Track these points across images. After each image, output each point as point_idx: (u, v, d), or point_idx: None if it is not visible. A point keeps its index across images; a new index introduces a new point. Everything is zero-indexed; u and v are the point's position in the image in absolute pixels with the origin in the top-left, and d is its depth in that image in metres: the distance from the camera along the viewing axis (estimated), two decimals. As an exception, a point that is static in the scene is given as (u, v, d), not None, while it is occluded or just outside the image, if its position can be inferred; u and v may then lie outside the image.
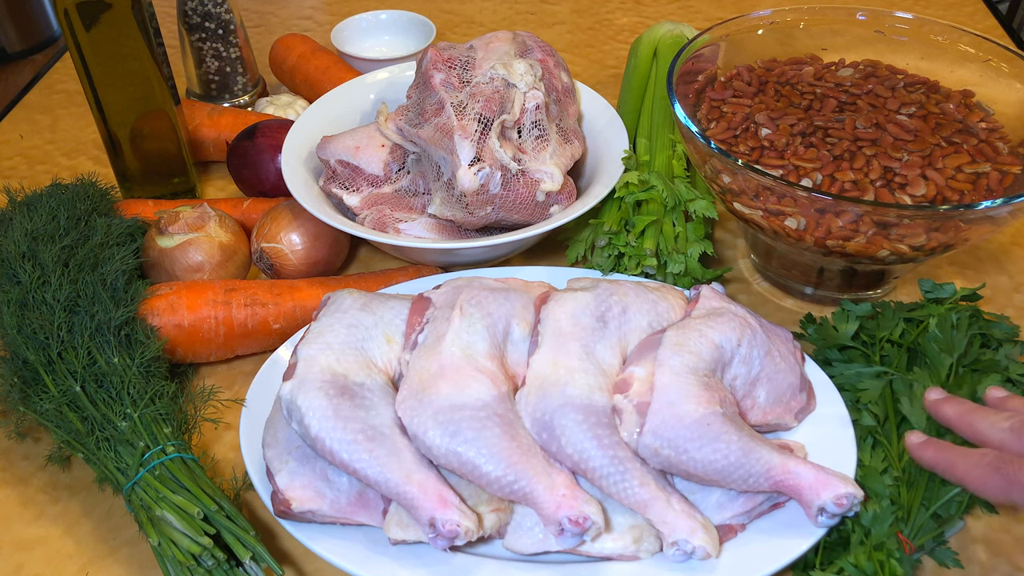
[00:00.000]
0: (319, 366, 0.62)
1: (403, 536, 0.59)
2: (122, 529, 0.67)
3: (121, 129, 0.88)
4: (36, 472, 0.71)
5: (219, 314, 0.75)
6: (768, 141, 0.80)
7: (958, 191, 0.74)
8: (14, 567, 0.65)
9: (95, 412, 0.66)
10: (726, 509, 0.60)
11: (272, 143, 0.90)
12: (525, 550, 0.59)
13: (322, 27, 1.31)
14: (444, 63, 0.82)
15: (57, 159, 1.06)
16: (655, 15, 1.32)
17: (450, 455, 0.58)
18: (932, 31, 0.88)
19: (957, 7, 1.30)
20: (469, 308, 0.66)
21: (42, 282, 0.72)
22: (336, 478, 0.60)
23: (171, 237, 0.81)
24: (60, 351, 0.69)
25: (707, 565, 0.58)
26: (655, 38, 1.00)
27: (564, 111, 0.86)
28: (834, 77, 0.87)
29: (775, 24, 0.92)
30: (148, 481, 0.62)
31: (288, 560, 0.65)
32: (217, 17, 1.02)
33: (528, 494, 0.57)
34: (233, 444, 0.73)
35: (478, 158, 0.76)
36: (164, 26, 1.07)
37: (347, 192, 0.85)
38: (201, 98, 1.09)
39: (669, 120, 0.90)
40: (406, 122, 0.83)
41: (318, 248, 0.83)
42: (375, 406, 0.61)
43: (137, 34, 0.82)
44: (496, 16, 1.34)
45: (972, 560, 0.63)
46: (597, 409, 0.60)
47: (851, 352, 0.72)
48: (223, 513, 0.61)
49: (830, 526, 0.58)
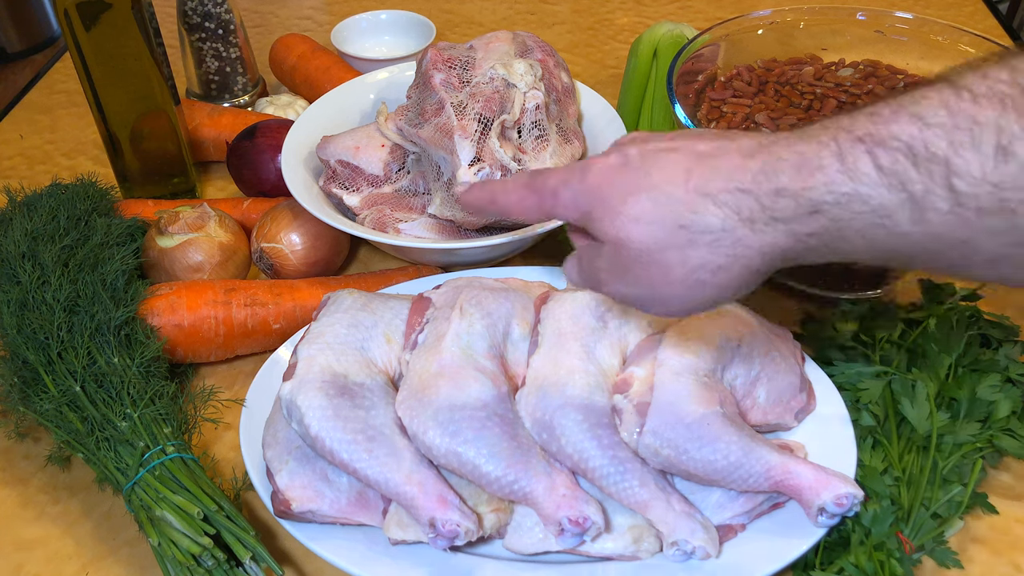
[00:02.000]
0: (319, 366, 0.62)
1: (403, 536, 0.59)
2: (122, 529, 0.67)
3: (121, 129, 0.88)
4: (36, 472, 0.71)
5: (219, 314, 0.75)
6: (768, 141, 0.80)
7: (958, 191, 0.74)
8: (14, 567, 0.65)
9: (95, 412, 0.66)
10: (726, 509, 0.60)
11: (272, 143, 0.90)
12: (525, 550, 0.59)
13: (322, 27, 1.31)
14: (444, 63, 0.82)
15: (57, 159, 1.06)
16: (655, 15, 1.32)
17: (450, 455, 0.58)
18: (932, 31, 0.88)
19: (957, 7, 1.30)
20: (469, 308, 0.66)
21: (42, 282, 0.72)
22: (336, 478, 0.60)
23: (171, 237, 0.81)
24: (60, 351, 0.69)
25: (707, 565, 0.58)
26: (655, 38, 1.00)
27: (564, 111, 0.86)
28: (834, 77, 0.87)
29: (775, 24, 0.92)
30: (148, 481, 0.62)
31: (288, 560, 0.65)
32: (217, 17, 1.02)
33: (528, 494, 0.57)
34: (233, 444, 0.73)
35: (478, 158, 0.76)
36: (164, 26, 1.07)
37: (347, 192, 0.85)
38: (201, 98, 1.09)
39: (669, 120, 0.90)
40: (406, 122, 0.83)
41: (318, 248, 0.83)
42: (375, 406, 0.61)
43: (137, 34, 0.82)
44: (496, 16, 1.34)
45: (972, 560, 0.63)
46: (597, 409, 0.60)
47: (851, 352, 0.72)
48: (223, 513, 0.61)
49: (830, 526, 0.58)
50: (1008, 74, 0.38)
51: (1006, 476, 0.68)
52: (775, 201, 0.43)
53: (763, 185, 0.44)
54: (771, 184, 0.43)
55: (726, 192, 0.45)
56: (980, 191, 0.38)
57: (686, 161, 0.47)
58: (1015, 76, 0.38)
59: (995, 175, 0.37)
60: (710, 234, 0.45)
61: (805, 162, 0.43)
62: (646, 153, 0.48)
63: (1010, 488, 0.67)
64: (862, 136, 0.41)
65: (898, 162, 0.40)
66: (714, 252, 0.46)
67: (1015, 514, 0.66)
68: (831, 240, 0.44)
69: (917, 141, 0.39)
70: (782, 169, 0.43)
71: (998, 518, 0.66)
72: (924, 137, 0.39)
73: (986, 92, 0.38)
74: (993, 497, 0.65)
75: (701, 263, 0.46)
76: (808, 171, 0.42)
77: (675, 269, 0.47)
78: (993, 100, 0.38)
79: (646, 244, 0.47)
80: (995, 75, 0.38)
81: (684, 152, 0.47)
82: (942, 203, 0.39)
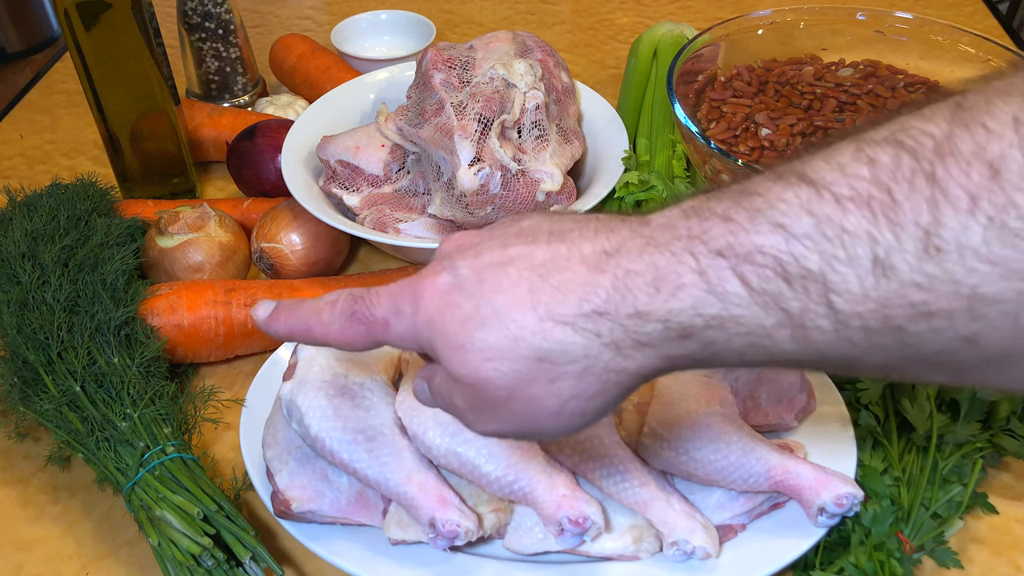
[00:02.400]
0: (319, 366, 0.62)
1: (403, 536, 0.59)
2: (122, 529, 0.67)
3: (121, 129, 0.88)
4: (36, 472, 0.71)
5: (219, 314, 0.75)
6: (768, 141, 0.80)
7: (958, 191, 0.74)
8: (14, 567, 0.65)
9: (95, 412, 0.66)
10: (726, 509, 0.60)
11: (272, 143, 0.90)
12: (525, 550, 0.59)
13: (322, 27, 1.31)
14: (444, 63, 0.82)
15: (57, 159, 1.06)
16: (655, 15, 1.32)
17: (450, 455, 0.58)
18: (932, 31, 0.88)
19: (957, 7, 1.30)
20: (469, 308, 0.66)
21: (42, 282, 0.72)
22: (336, 478, 0.60)
23: (171, 237, 0.81)
24: (60, 351, 0.69)
25: (707, 565, 0.58)
26: (655, 38, 1.00)
27: (564, 111, 0.86)
28: (834, 77, 0.87)
29: (775, 24, 0.92)
30: (148, 481, 0.62)
31: (288, 560, 0.65)
32: (217, 17, 1.02)
33: (528, 494, 0.57)
34: (233, 444, 0.73)
35: (478, 158, 0.76)
36: (164, 26, 1.07)
37: (347, 192, 0.85)
38: (201, 98, 1.09)
39: (669, 120, 0.90)
40: (406, 122, 0.83)
41: (318, 248, 0.83)
42: (375, 406, 0.61)
43: (137, 34, 0.82)
44: (496, 16, 1.34)
45: (972, 560, 0.63)
46: (597, 409, 0.60)
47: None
48: (223, 513, 0.61)
49: (830, 526, 0.58)
50: (867, 168, 0.33)
51: (1006, 476, 0.68)
52: (639, 324, 0.38)
53: (620, 307, 0.38)
54: (629, 306, 0.38)
55: (581, 316, 0.39)
56: (863, 309, 0.33)
57: (526, 279, 0.41)
58: (875, 171, 0.33)
59: (876, 292, 0.33)
60: (575, 363, 0.40)
61: (662, 278, 0.37)
62: (479, 270, 0.42)
63: (1010, 488, 0.67)
64: (722, 250, 0.36)
65: (769, 280, 0.35)
66: (584, 381, 0.40)
67: (1015, 514, 0.66)
68: (709, 358, 0.39)
69: (785, 255, 0.34)
70: (637, 286, 0.38)
71: (998, 518, 0.66)
72: (792, 251, 0.34)
73: (849, 194, 0.33)
74: (993, 497, 0.65)
75: (572, 394, 0.41)
76: (668, 290, 0.37)
77: (546, 402, 0.41)
78: (860, 204, 0.33)
79: (507, 383, 0.41)
80: (853, 170, 0.33)
81: (520, 266, 0.41)
82: (823, 321, 0.34)
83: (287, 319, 0.48)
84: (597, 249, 0.40)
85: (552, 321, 0.40)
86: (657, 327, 0.38)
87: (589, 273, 0.39)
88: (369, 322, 0.45)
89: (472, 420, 0.45)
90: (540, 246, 0.42)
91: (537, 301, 0.40)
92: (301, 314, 0.47)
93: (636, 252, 0.39)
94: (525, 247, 0.42)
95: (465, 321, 0.41)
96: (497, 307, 0.41)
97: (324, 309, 0.46)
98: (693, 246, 0.37)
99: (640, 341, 0.39)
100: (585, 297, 0.39)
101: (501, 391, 0.41)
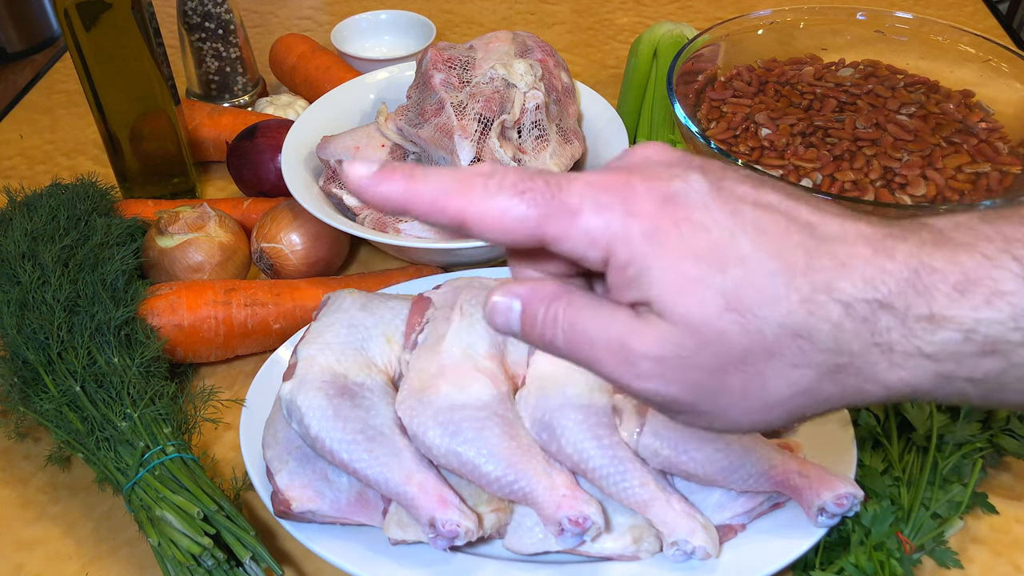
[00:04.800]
0: (319, 366, 0.62)
1: (403, 536, 0.59)
2: (122, 529, 0.67)
3: (121, 129, 0.88)
4: (36, 472, 0.71)
5: (219, 314, 0.75)
6: (768, 141, 0.80)
7: (958, 191, 0.74)
8: (14, 567, 0.65)
9: (95, 412, 0.66)
10: (726, 509, 0.60)
11: (272, 143, 0.90)
12: (525, 550, 0.59)
13: (322, 27, 1.31)
14: (444, 63, 0.82)
15: (57, 159, 1.06)
16: (655, 15, 1.32)
17: (450, 455, 0.58)
18: (932, 31, 0.88)
19: (957, 7, 1.30)
20: (469, 308, 0.66)
21: (42, 282, 0.72)
22: (336, 478, 0.60)
23: (171, 237, 0.81)
24: (60, 351, 0.69)
25: (707, 565, 0.58)
26: (655, 38, 1.00)
27: (564, 111, 0.86)
28: (834, 77, 0.87)
29: (775, 24, 0.92)
30: (148, 481, 0.62)
31: (288, 560, 0.65)
32: (217, 17, 1.02)
33: (528, 494, 0.57)
34: (233, 444, 0.73)
35: (478, 158, 0.76)
36: (164, 26, 1.07)
37: (347, 192, 0.85)
38: (201, 98, 1.09)
39: (669, 120, 0.90)
40: (406, 122, 0.83)
41: (318, 248, 0.83)
42: (375, 406, 0.61)
43: (137, 34, 0.82)
44: (496, 16, 1.34)
45: (972, 560, 0.63)
46: (597, 409, 0.60)
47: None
48: (223, 513, 0.61)
49: (830, 526, 0.58)
50: None
51: (1006, 476, 0.68)
52: (928, 331, 0.31)
53: (912, 305, 0.31)
54: (923, 306, 0.31)
55: (861, 301, 0.32)
56: None
57: (796, 233, 0.32)
58: None
59: None
60: (831, 354, 0.32)
61: (972, 282, 0.31)
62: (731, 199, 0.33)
63: (1010, 488, 0.67)
64: None
65: None
66: (831, 380, 0.33)
67: (1015, 514, 0.66)
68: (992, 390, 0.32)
69: None
70: (935, 285, 0.31)
71: (998, 518, 0.66)
72: None
73: None
74: (993, 497, 0.65)
75: (808, 388, 0.33)
76: (982, 296, 0.31)
77: (772, 386, 0.33)
78: None
79: (744, 346, 0.32)
80: None
81: (788, 217, 0.33)
82: None
83: (409, 182, 0.34)
84: (880, 232, 0.33)
85: (826, 295, 0.32)
86: (954, 337, 0.31)
87: (875, 256, 0.32)
88: (550, 205, 0.33)
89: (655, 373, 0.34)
90: (801, 205, 0.34)
91: (812, 265, 0.32)
92: (433, 179, 0.34)
93: (932, 245, 0.32)
94: (783, 198, 0.34)
95: (712, 250, 0.32)
96: (760, 250, 0.32)
97: (474, 179, 0.34)
98: (1014, 248, 0.31)
99: (922, 350, 0.32)
100: (870, 281, 0.32)
101: (728, 354, 0.33)
